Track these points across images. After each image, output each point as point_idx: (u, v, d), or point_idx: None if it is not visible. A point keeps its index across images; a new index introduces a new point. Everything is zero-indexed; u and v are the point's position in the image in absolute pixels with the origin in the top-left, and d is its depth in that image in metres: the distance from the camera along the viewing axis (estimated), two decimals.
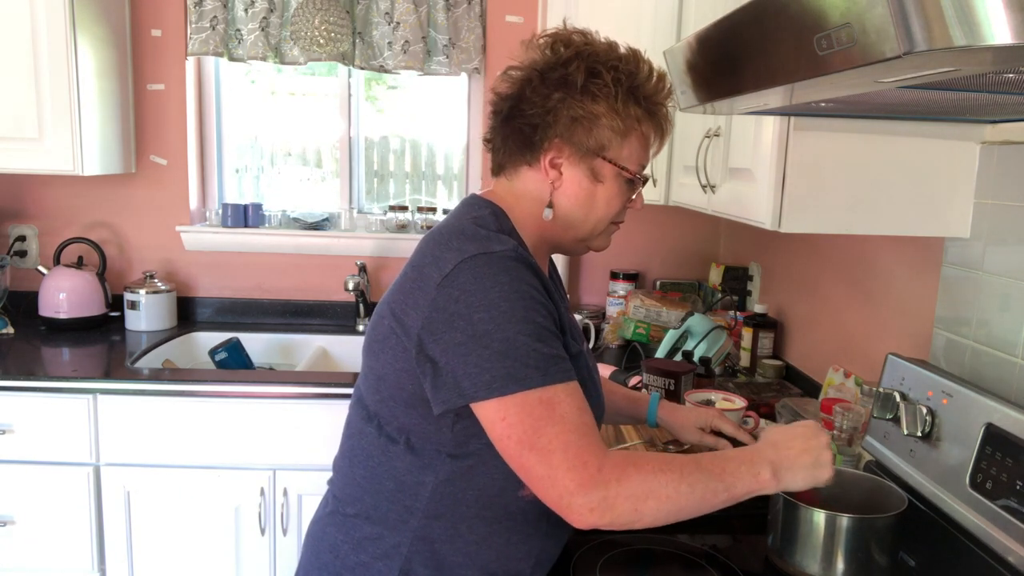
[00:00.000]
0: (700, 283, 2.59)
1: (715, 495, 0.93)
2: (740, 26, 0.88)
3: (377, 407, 1.03)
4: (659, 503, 0.90)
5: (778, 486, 0.98)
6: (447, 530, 1.00)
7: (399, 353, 0.98)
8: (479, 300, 0.91)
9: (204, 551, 1.97)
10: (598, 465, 0.89)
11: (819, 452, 1.01)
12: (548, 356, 0.91)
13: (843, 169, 1.26)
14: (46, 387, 1.91)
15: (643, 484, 0.89)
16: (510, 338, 0.90)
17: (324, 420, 1.94)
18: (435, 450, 0.99)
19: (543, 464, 0.89)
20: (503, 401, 0.90)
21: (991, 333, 1.24)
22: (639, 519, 0.90)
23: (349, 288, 2.45)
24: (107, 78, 2.31)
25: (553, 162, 1.03)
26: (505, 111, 1.05)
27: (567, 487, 0.88)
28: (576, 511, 0.88)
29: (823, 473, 1.00)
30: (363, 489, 1.04)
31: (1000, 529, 1.03)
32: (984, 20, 0.54)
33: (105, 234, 2.55)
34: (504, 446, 0.92)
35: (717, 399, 1.63)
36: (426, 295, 0.94)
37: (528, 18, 2.47)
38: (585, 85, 1.00)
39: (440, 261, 0.95)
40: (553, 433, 0.89)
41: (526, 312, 0.92)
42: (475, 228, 0.99)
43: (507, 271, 0.93)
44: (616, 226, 1.11)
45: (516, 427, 0.90)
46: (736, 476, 0.95)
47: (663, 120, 1.07)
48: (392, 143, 2.68)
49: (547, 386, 0.90)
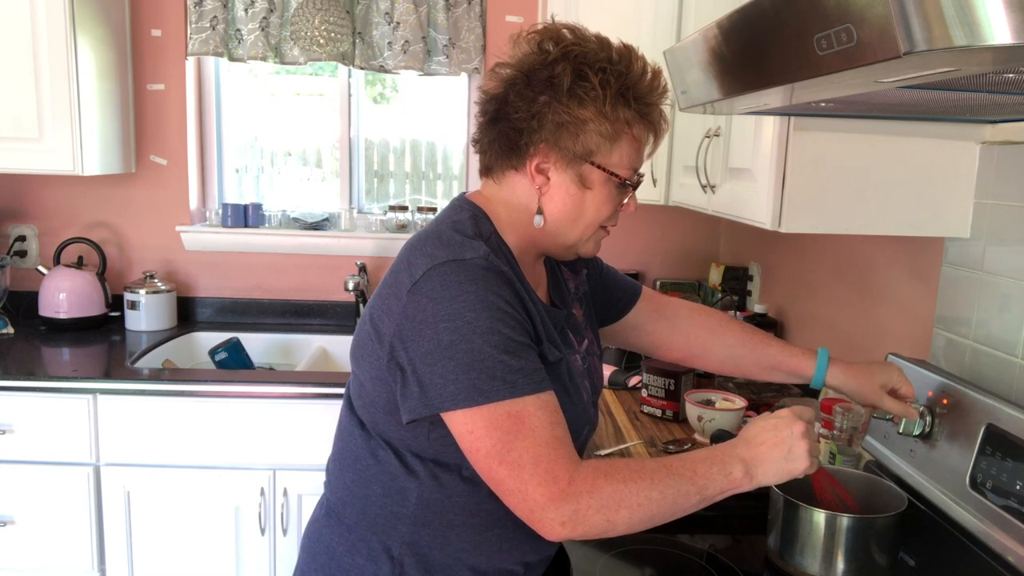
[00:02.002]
0: (700, 283, 2.59)
1: (687, 498, 0.92)
2: (740, 26, 0.88)
3: (362, 412, 1.03)
4: (631, 512, 0.89)
5: (752, 483, 0.95)
6: (436, 537, 1.00)
7: (374, 361, 0.97)
8: (445, 309, 0.90)
9: (204, 551, 1.97)
10: (568, 478, 0.88)
11: (791, 444, 0.96)
12: (515, 369, 0.90)
13: (843, 169, 1.26)
14: (46, 387, 1.91)
15: (614, 495, 0.88)
16: (475, 349, 0.88)
17: (324, 420, 1.94)
18: (416, 457, 0.99)
19: (513, 478, 0.88)
20: (469, 413, 0.89)
21: (991, 333, 1.24)
22: (611, 529, 0.89)
23: (349, 288, 2.45)
24: (107, 78, 2.31)
25: (540, 167, 1.00)
26: (491, 112, 1.02)
27: (537, 501, 0.87)
28: (547, 525, 0.88)
29: (796, 466, 0.96)
30: (353, 493, 1.04)
31: (1000, 529, 1.03)
32: (984, 20, 0.54)
33: (105, 234, 2.55)
34: (474, 459, 0.91)
35: (717, 399, 1.63)
36: (398, 301, 0.93)
37: (528, 18, 2.47)
38: (571, 88, 0.95)
39: (412, 267, 0.94)
40: (523, 447, 0.88)
41: (491, 323, 0.90)
42: (451, 233, 0.97)
43: (474, 280, 0.91)
44: (605, 231, 1.07)
45: (484, 440, 0.89)
46: (708, 477, 0.93)
47: (657, 120, 1.02)
48: (392, 143, 2.68)
49: (515, 399, 0.89)
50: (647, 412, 1.74)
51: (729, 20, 0.89)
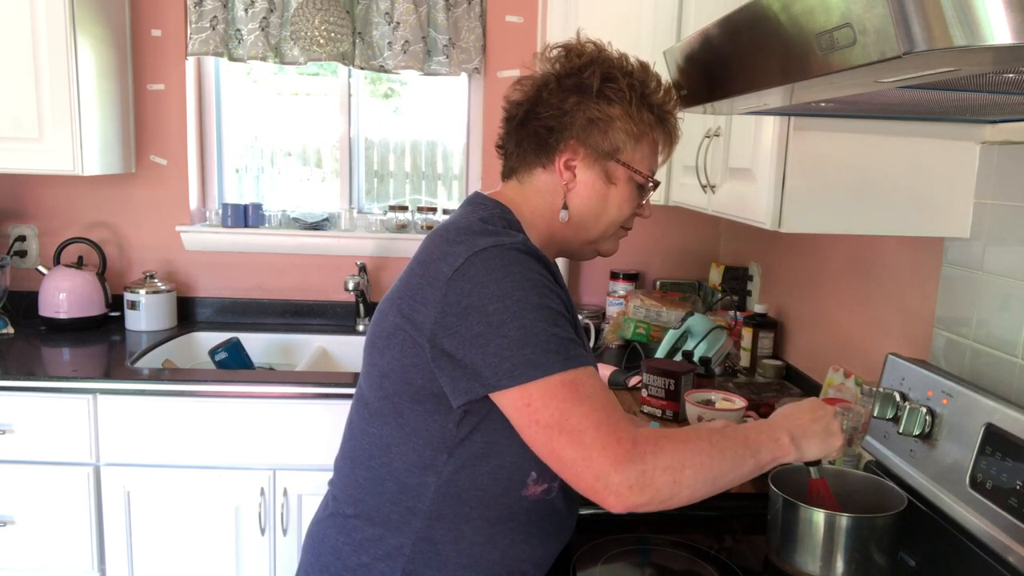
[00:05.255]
0: (700, 283, 2.59)
1: (743, 461, 0.94)
2: (740, 26, 0.88)
3: (380, 404, 1.03)
4: (695, 472, 0.89)
5: (797, 453, 0.99)
6: (450, 531, 1.00)
7: (408, 348, 0.97)
8: (492, 291, 0.91)
9: (204, 551, 1.97)
10: (632, 440, 0.88)
11: (828, 421, 1.03)
12: (567, 340, 0.92)
13: (843, 169, 1.26)
14: (46, 387, 1.91)
15: (677, 454, 0.89)
16: (527, 325, 0.90)
17: (324, 420, 1.94)
18: (437, 450, 0.99)
19: (575, 446, 0.88)
20: (526, 388, 0.89)
21: (991, 333, 1.24)
22: (678, 492, 0.89)
23: (349, 288, 2.45)
24: (107, 78, 2.31)
25: (568, 164, 1.05)
26: (520, 115, 1.07)
27: (602, 466, 0.86)
28: (614, 491, 0.86)
29: (834, 441, 1.02)
30: (364, 490, 1.04)
31: (1000, 529, 1.03)
32: (984, 20, 0.54)
33: (105, 234, 2.55)
34: (531, 433, 0.91)
35: (717, 399, 1.63)
36: (436, 290, 0.94)
37: (528, 18, 2.47)
38: (601, 89, 1.02)
39: (449, 256, 0.95)
40: (582, 413, 0.88)
41: (540, 299, 0.92)
42: (483, 225, 1.00)
43: (518, 262, 0.94)
44: (625, 232, 1.13)
45: (542, 411, 0.89)
46: (759, 443, 0.96)
47: (672, 129, 1.10)
48: (392, 143, 2.68)
49: (569, 370, 0.90)
50: (647, 412, 1.74)
51: (729, 20, 0.89)
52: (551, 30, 2.12)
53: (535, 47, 2.45)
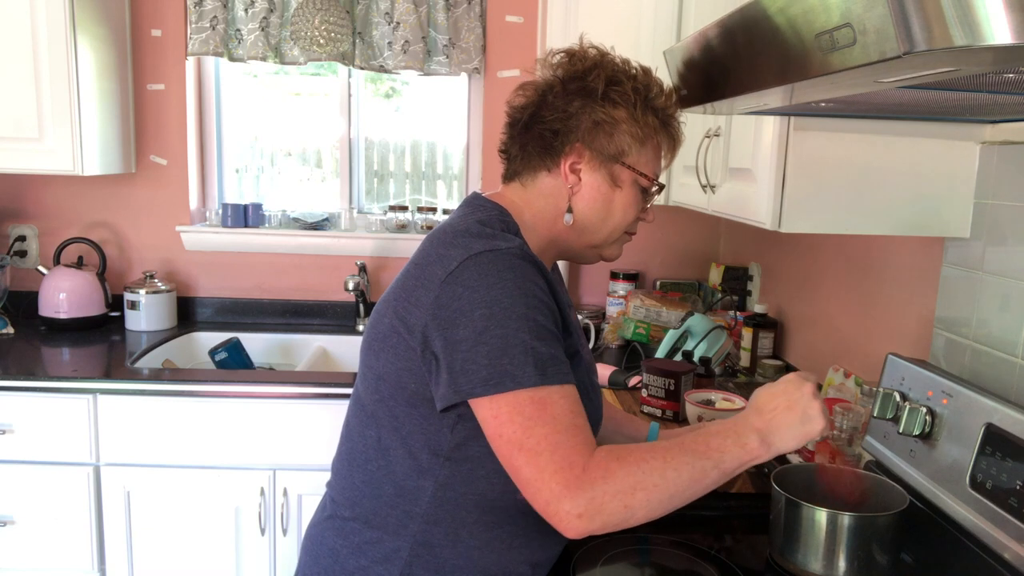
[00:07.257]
0: (700, 283, 2.59)
1: (704, 474, 0.91)
2: (740, 26, 0.88)
3: (376, 407, 1.03)
4: (647, 493, 0.87)
5: (770, 452, 0.94)
6: (448, 535, 1.00)
7: (401, 351, 0.97)
8: (481, 297, 0.91)
9: (204, 551, 1.97)
10: (583, 465, 0.87)
11: (804, 406, 0.96)
12: (546, 356, 0.91)
13: (843, 169, 1.26)
14: (46, 387, 1.91)
15: (627, 478, 0.87)
16: (509, 335, 0.89)
17: (324, 420, 1.94)
18: (433, 454, 0.99)
19: (530, 466, 0.87)
20: (496, 399, 0.89)
21: (991, 333, 1.24)
22: (631, 515, 0.87)
23: (349, 288, 2.45)
24: (107, 78, 2.31)
25: (573, 167, 1.05)
26: (524, 119, 1.07)
27: (554, 491, 0.86)
28: (563, 517, 0.86)
29: (813, 427, 0.96)
30: (362, 493, 1.04)
31: (1000, 529, 1.03)
32: (984, 20, 0.54)
33: (105, 234, 2.55)
34: (497, 445, 0.91)
35: (717, 399, 1.63)
36: (430, 292, 0.94)
37: (528, 18, 2.47)
38: (606, 92, 1.02)
39: (445, 259, 0.95)
40: (542, 434, 0.88)
41: (527, 310, 0.91)
42: (480, 228, 0.99)
43: (512, 268, 0.93)
44: (629, 236, 1.13)
45: (507, 426, 0.89)
46: (723, 450, 0.92)
47: (676, 133, 1.10)
48: (392, 143, 2.68)
49: (541, 386, 0.89)
50: (647, 412, 1.74)
51: (729, 20, 0.89)
52: (551, 30, 2.12)
53: (535, 47, 2.45)
